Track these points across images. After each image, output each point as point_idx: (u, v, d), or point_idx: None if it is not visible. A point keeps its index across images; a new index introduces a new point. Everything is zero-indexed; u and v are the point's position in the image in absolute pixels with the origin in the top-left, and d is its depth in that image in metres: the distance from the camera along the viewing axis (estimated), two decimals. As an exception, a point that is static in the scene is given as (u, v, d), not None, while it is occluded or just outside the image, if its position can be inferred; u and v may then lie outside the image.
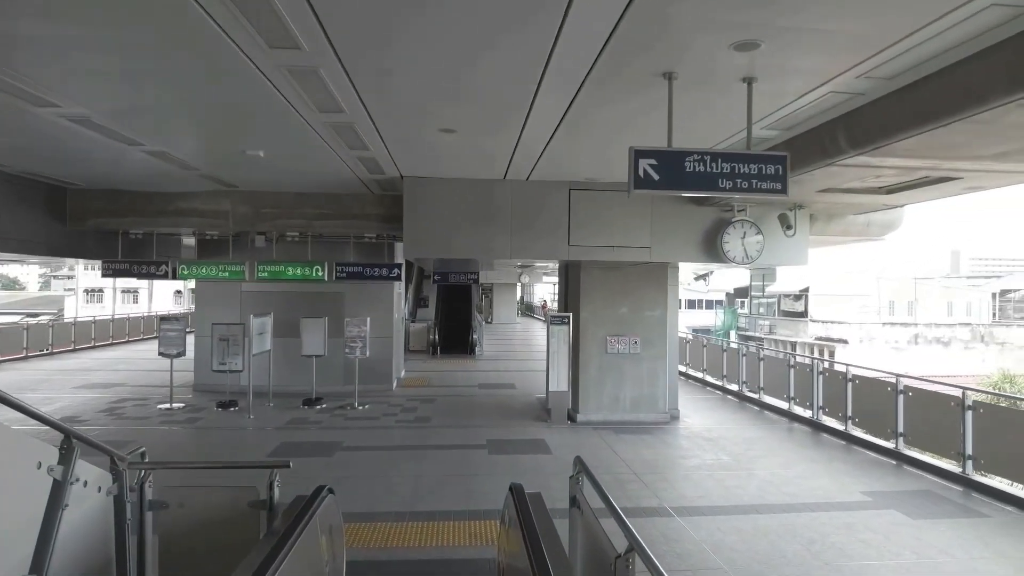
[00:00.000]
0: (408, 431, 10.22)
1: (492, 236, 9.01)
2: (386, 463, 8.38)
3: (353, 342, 12.18)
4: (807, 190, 7.97)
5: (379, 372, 13.71)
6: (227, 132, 6.92)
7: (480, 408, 12.24)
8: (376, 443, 9.43)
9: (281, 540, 3.11)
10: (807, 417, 11.13)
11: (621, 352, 10.91)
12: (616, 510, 3.23)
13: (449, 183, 8.92)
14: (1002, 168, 6.42)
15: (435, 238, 8.93)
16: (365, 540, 5.75)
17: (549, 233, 9.08)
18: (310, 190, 10.44)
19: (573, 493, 4.08)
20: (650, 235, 9.22)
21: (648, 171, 4.56)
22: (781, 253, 9.35)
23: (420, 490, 7.23)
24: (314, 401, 12.12)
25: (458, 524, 6.16)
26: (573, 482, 4.10)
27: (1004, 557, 5.62)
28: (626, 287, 10.94)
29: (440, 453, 8.87)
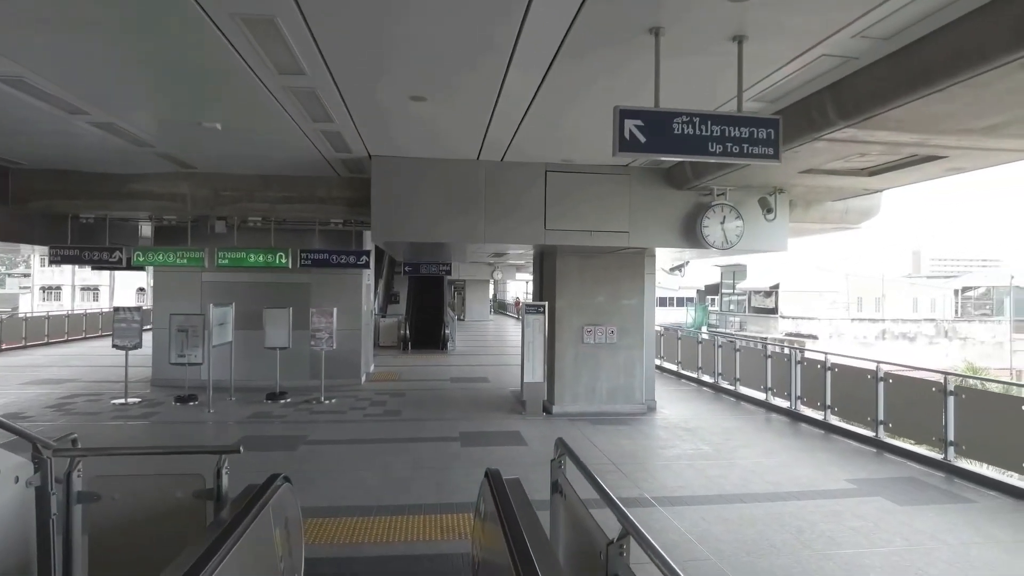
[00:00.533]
0: (377, 424, 9.79)
1: (465, 220, 8.63)
2: (353, 456, 7.95)
3: (319, 334, 11.70)
4: (789, 171, 7.76)
5: (347, 366, 13.22)
6: (179, 98, 6.41)
7: (452, 401, 11.85)
8: (343, 437, 8.99)
9: (225, 532, 2.71)
10: (785, 407, 10.98)
11: (598, 342, 10.63)
12: (606, 492, 2.91)
13: (420, 163, 8.52)
14: (987, 145, 6.27)
15: (405, 221, 8.52)
16: (329, 535, 5.34)
17: (525, 217, 8.74)
18: (273, 172, 9.93)
19: (555, 478, 3.74)
20: (628, 219, 8.93)
21: (634, 132, 4.24)
22: (761, 238, 9.14)
23: (389, 483, 6.83)
24: (278, 395, 11.60)
25: (429, 518, 5.78)
26: (555, 466, 3.76)
27: (996, 542, 5.45)
28: (603, 275, 10.67)
29: (411, 446, 8.47)
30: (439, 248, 11.32)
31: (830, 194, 9.44)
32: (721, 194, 8.85)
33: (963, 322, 37.86)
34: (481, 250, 10.99)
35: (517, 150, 8.04)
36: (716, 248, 8.86)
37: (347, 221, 11.01)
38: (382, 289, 24.47)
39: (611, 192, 8.91)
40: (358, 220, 10.95)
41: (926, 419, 7.97)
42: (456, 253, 12.37)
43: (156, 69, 5.54)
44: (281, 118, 6.75)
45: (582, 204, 8.84)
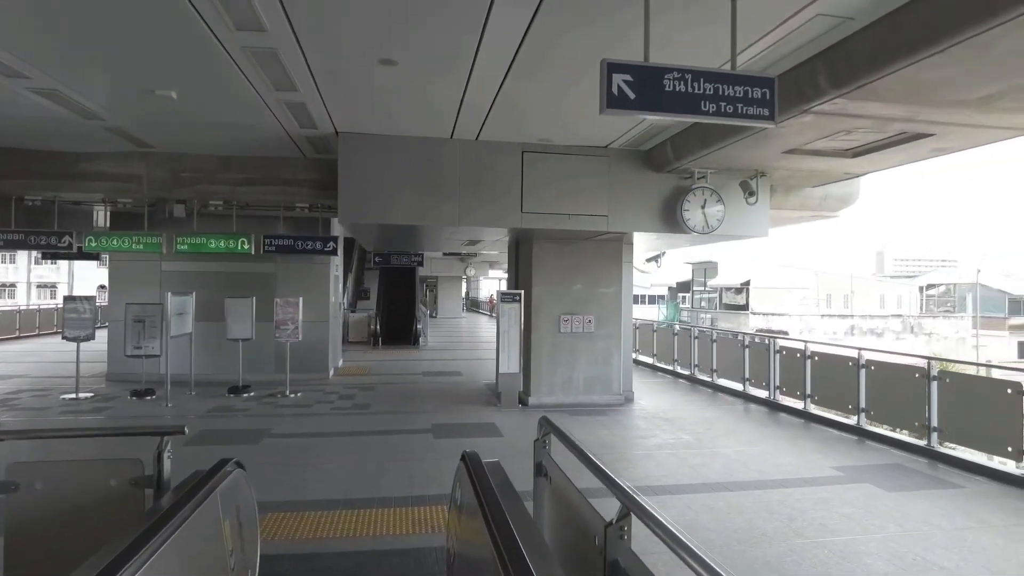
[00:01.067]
0: (345, 418, 9.35)
1: (438, 202, 8.24)
2: (319, 450, 7.52)
3: (284, 325, 11.21)
4: (772, 150, 7.55)
5: (314, 359, 12.73)
6: (128, 60, 5.91)
7: (424, 395, 11.45)
8: (308, 430, 8.53)
9: (159, 522, 2.31)
10: (763, 397, 10.83)
11: (575, 331, 10.33)
12: (602, 469, 2.59)
13: (390, 141, 8.11)
14: (977, 121, 6.10)
15: (374, 203, 8.10)
16: (291, 531, 4.93)
17: (500, 199, 8.39)
18: (235, 152, 9.41)
19: (539, 459, 3.41)
20: (607, 203, 8.64)
21: (623, 88, 3.91)
22: (742, 223, 8.93)
23: (357, 476, 6.43)
24: (241, 389, 11.08)
25: (399, 511, 5.40)
26: (539, 446, 3.43)
27: (989, 526, 5.27)
28: (580, 263, 10.38)
29: (380, 439, 8.06)
30: (410, 235, 10.90)
31: (811, 179, 9.27)
32: (702, 177, 8.62)
33: (928, 318, 38.65)
34: (455, 237, 10.59)
35: (494, 127, 7.69)
36: (697, 233, 8.62)
37: (313, 206, 10.52)
38: (351, 284, 23.85)
39: (590, 175, 8.61)
40: (325, 205, 10.47)
41: (908, 406, 7.84)
42: (428, 241, 11.95)
43: (101, 23, 5.05)
44: (241, 86, 6.30)
45: (560, 187, 8.52)
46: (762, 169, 8.58)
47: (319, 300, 12.79)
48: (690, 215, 8.54)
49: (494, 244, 12.15)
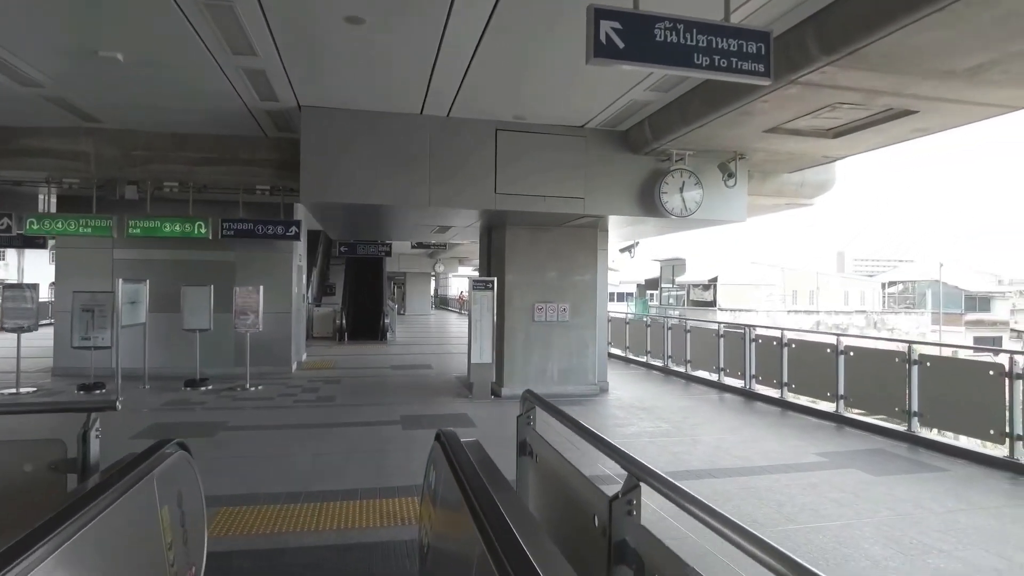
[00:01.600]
0: (309, 410, 8.89)
1: (408, 181, 7.84)
2: (280, 442, 7.07)
3: (244, 315, 10.68)
4: (753, 129, 7.34)
5: (276, 352, 12.18)
6: (65, 11, 5.39)
7: (393, 387, 11.02)
8: (269, 422, 8.06)
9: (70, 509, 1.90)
10: (738, 387, 10.68)
11: (549, 320, 10.03)
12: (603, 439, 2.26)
13: (357, 116, 7.68)
14: (964, 96, 5.97)
15: (339, 181, 7.65)
16: (247, 525, 4.50)
17: (473, 179, 8.02)
18: (191, 130, 8.86)
19: (523, 437, 3.08)
20: (584, 186, 8.35)
21: (611, 37, 3.60)
22: (720, 207, 8.73)
23: (320, 468, 6.01)
24: (198, 382, 10.50)
25: (366, 503, 5.01)
26: (522, 423, 3.10)
27: (980, 508, 5.11)
28: (554, 249, 10.08)
29: (346, 430, 7.64)
30: (377, 221, 10.45)
31: (789, 163, 9.12)
32: (680, 159, 8.38)
33: (890, 314, 39.49)
34: (424, 222, 10.17)
35: (466, 101, 7.33)
36: (675, 216, 8.38)
37: (275, 189, 10.01)
38: (316, 278, 23.22)
39: (565, 155, 8.31)
40: (287, 188, 9.96)
41: (889, 391, 7.72)
42: (396, 228, 11.49)
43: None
44: (195, 48, 5.82)
45: (535, 168, 8.20)
46: (741, 151, 8.38)
47: (281, 290, 12.25)
48: (668, 198, 8.30)
49: (465, 232, 11.77)
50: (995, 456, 6.37)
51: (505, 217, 9.35)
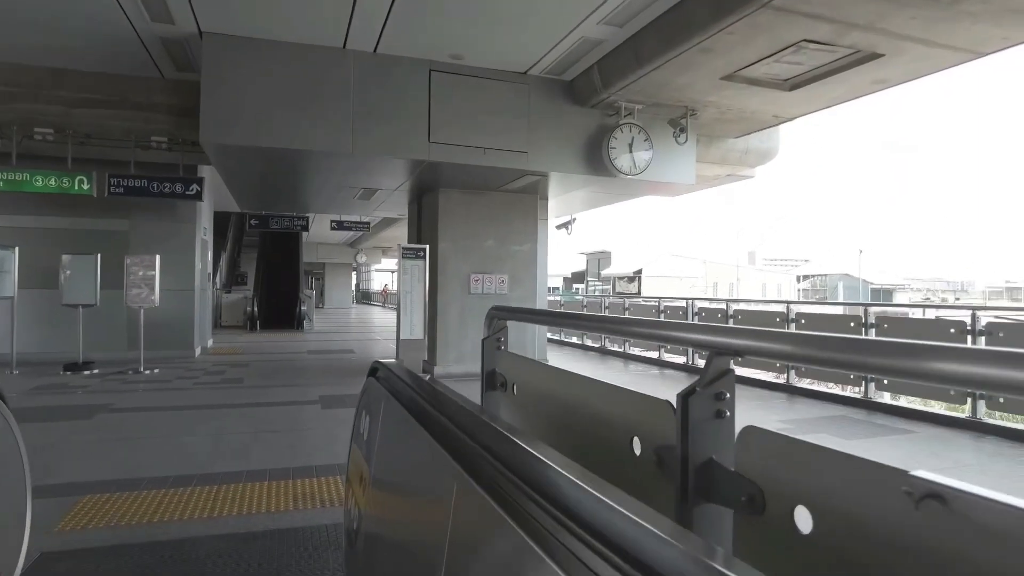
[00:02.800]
0: (211, 391, 7.73)
1: (327, 125, 6.86)
2: (173, 423, 5.95)
3: (137, 288, 9.31)
4: (710, 74, 6.81)
5: (177, 334, 10.82)
6: None
7: (310, 370, 9.94)
8: (162, 404, 6.88)
9: None
10: (680, 363, 10.28)
11: (486, 292, 9.25)
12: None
13: (268, 48, 6.64)
14: (934, 37, 5.65)
15: (245, 120, 6.57)
16: (117, 515, 3.49)
17: (405, 126, 7.13)
18: (70, 64, 7.52)
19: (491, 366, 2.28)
20: (527, 138, 7.62)
21: None
22: (669, 168, 8.22)
23: (221, 449, 4.98)
24: (81, 366, 9.07)
25: (276, 485, 4.07)
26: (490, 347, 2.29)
27: (965, 465, 4.78)
28: (492, 215, 9.31)
29: (255, 410, 6.59)
30: (293, 181, 9.30)
31: (738, 125, 8.73)
32: (629, 114, 7.79)
33: (804, 304, 41.17)
34: (347, 182, 9.08)
35: (397, 33, 6.45)
36: (623, 174, 7.79)
37: (174, 143, 8.70)
38: (226, 264, 21.47)
39: (507, 105, 7.56)
40: (190, 142, 8.70)
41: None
42: (315, 192, 10.28)
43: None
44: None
45: (474, 116, 7.40)
46: (692, 107, 7.87)
47: (183, 265, 10.89)
48: (617, 154, 7.69)
49: (392, 201, 10.76)
50: (958, 417, 6.11)
51: (438, 177, 8.50)
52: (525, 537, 0.76)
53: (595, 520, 0.69)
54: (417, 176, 8.38)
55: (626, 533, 0.65)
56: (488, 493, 0.92)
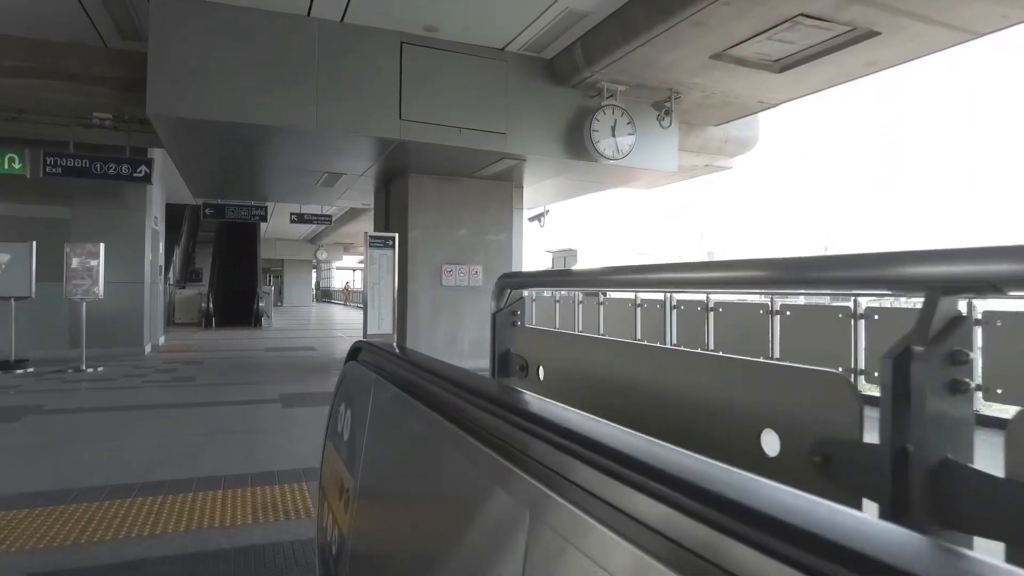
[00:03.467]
0: (161, 390, 7.08)
1: (290, 99, 6.29)
2: (115, 425, 5.32)
3: (79, 279, 8.55)
4: (699, 51, 6.47)
5: (125, 330, 10.06)
6: None
7: (269, 367, 9.30)
8: (103, 404, 6.22)
9: None
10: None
11: (459, 284, 8.77)
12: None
13: (224, 12, 6.04)
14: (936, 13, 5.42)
15: (199, 91, 5.96)
16: (41, 534, 2.93)
17: (374, 102, 6.61)
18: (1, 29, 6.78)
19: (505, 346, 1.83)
20: (505, 119, 7.18)
21: None
22: (651, 154, 7.88)
23: (169, 454, 4.41)
24: (14, 364, 8.28)
25: (234, 495, 3.55)
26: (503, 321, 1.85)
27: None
28: (465, 203, 8.84)
29: (210, 410, 5.99)
30: (250, 164, 8.63)
31: (721, 111, 8.44)
32: (611, 96, 7.41)
33: (789, 297, 41.99)
34: (310, 165, 8.45)
35: (365, 1, 5.93)
36: (606, 158, 7.42)
37: (120, 120, 7.98)
38: (180, 259, 20.47)
39: (484, 83, 7.10)
40: (138, 120, 8.00)
41: (830, 347, 7.18)
42: (275, 176, 9.57)
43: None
44: None
45: (448, 93, 6.92)
46: (677, 88, 7.54)
47: (132, 256, 10.11)
48: (599, 137, 7.31)
49: (357, 189, 10.16)
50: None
51: (408, 161, 7.99)
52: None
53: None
54: (386, 159, 7.85)
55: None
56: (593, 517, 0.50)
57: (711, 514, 0.41)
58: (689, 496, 0.44)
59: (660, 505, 0.45)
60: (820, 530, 0.36)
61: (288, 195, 11.31)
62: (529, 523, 0.61)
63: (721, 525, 0.40)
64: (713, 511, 0.41)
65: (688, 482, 0.46)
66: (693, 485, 0.45)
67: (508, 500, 0.67)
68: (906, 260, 0.77)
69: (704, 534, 0.41)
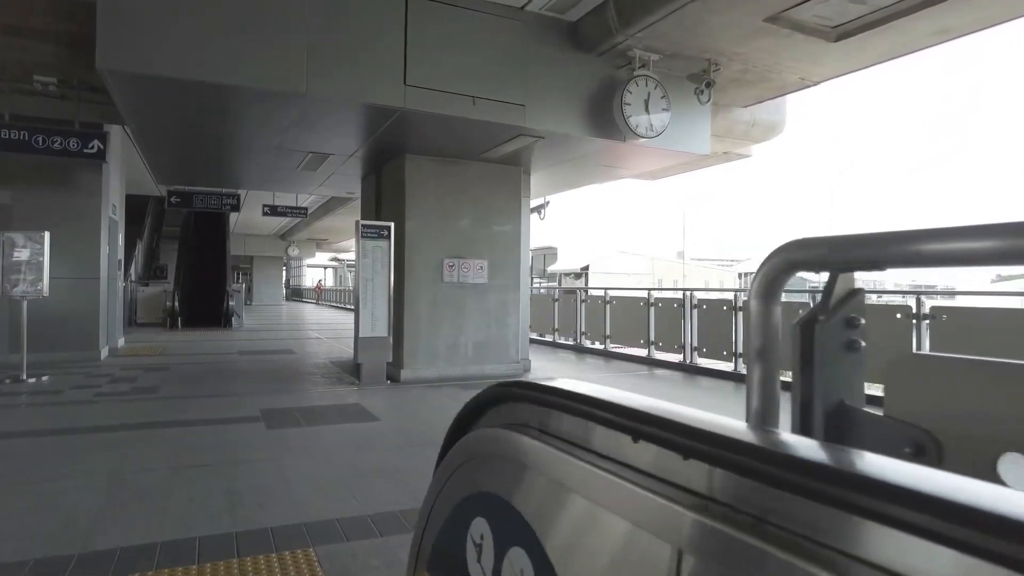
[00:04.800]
0: (116, 405, 5.96)
1: (275, 57, 5.22)
2: (51, 457, 4.21)
3: (19, 273, 7.34)
4: (753, 16, 5.59)
5: (77, 332, 8.84)
6: None
7: (244, 374, 8.19)
8: (40, 426, 5.09)
9: None
10: (675, 362, 9.11)
11: (463, 281, 7.78)
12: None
13: (194, -49, 4.96)
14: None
15: (163, 43, 4.86)
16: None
17: (373, 64, 5.58)
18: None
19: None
20: (523, 90, 6.21)
21: None
22: (684, 134, 7.00)
23: (122, 501, 3.35)
24: (-61, 374, 7.05)
25: (214, 570, 2.52)
26: (833, 333, 0.89)
27: None
28: (468, 190, 7.85)
29: (175, 433, 4.90)
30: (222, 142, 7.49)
31: (754, 90, 7.59)
32: (642, 65, 6.49)
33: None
34: (292, 144, 7.30)
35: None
36: (639, 136, 6.49)
37: (67, 85, 6.81)
38: (142, 255, 19.01)
39: (500, 47, 6.12)
40: (88, 87, 6.84)
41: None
42: (252, 157, 8.36)
43: None
44: None
45: (460, 58, 5.93)
46: (717, 59, 6.65)
47: (86, 249, 8.88)
48: (632, 110, 6.38)
49: (344, 172, 9.01)
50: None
51: (406, 140, 6.97)
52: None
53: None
54: (381, 136, 6.81)
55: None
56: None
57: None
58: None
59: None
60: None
61: (264, 181, 10.12)
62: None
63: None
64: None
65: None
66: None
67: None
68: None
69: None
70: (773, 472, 0.49)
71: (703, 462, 0.56)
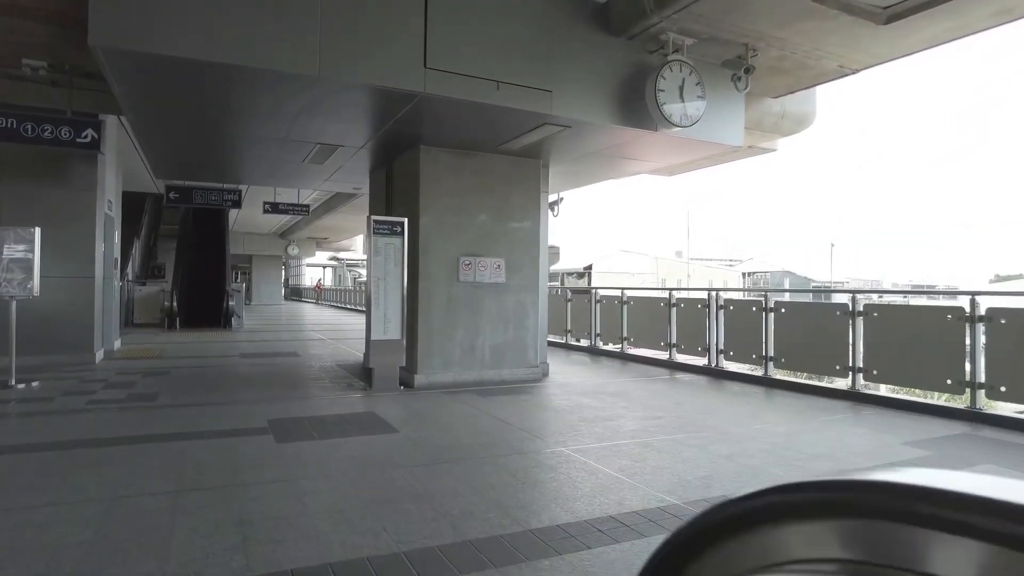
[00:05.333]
0: (111, 416, 5.51)
1: (284, 35, 4.77)
2: (34, 479, 3.76)
3: (7, 272, 6.88)
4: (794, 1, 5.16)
5: (70, 334, 8.40)
6: None
7: (249, 379, 7.74)
8: (25, 440, 4.64)
9: None
10: (699, 365, 8.68)
11: (479, 280, 7.35)
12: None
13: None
14: None
15: (164, 18, 4.42)
16: None
17: (391, 44, 5.14)
18: None
19: None
20: (550, 75, 5.77)
21: None
22: (717, 124, 6.58)
23: (114, 537, 2.90)
24: (-79, 380, 6.60)
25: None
26: None
27: None
28: (485, 184, 7.42)
29: (176, 448, 4.46)
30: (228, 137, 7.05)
31: (788, 78, 7.15)
32: (676, 50, 6.05)
33: (786, 293, 41.42)
34: (300, 135, 6.83)
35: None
36: (674, 125, 6.05)
37: (58, 70, 6.35)
38: (140, 254, 18.52)
39: (525, 28, 5.69)
40: (83, 72, 6.39)
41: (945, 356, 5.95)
42: (256, 148, 7.81)
43: None
44: None
45: (483, 40, 5.50)
46: (755, 44, 6.21)
47: (79, 246, 8.44)
48: (665, 99, 5.94)
49: (353, 166, 8.51)
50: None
51: (420, 130, 6.53)
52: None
53: None
54: (394, 126, 6.36)
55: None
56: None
57: None
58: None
59: None
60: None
61: (269, 176, 9.65)
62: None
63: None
64: None
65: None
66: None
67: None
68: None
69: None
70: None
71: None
